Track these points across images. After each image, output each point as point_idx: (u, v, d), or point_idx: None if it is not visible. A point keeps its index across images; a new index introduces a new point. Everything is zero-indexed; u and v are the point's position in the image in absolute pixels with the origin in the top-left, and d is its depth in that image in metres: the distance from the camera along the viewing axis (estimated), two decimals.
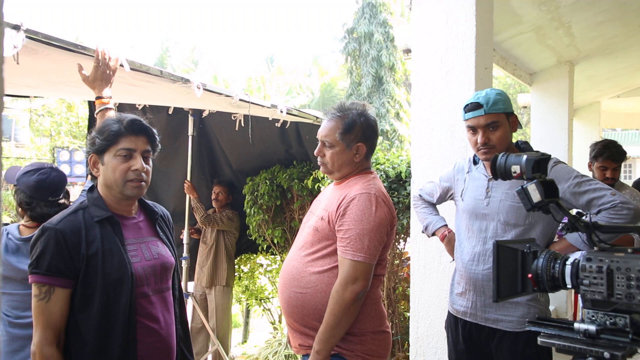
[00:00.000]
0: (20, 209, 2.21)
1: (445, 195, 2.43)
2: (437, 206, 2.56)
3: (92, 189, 1.72)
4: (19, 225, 2.20)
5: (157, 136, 1.75)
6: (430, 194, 2.50)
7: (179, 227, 4.67)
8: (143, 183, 1.70)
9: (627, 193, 3.02)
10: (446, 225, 2.43)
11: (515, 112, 2.15)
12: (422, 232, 2.55)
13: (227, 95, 3.48)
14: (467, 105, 2.10)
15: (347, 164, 2.00)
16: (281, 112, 3.77)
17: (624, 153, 3.26)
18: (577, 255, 1.35)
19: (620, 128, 16.21)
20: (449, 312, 2.32)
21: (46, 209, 2.16)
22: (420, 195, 2.56)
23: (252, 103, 3.62)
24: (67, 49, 2.12)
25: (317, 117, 4.08)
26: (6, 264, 2.08)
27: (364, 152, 2.01)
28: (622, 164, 3.34)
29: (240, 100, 3.51)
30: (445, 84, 2.99)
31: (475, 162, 2.26)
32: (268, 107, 3.78)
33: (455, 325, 2.25)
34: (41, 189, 2.14)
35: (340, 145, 1.98)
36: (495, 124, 2.06)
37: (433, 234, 2.45)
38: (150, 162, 1.74)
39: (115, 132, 1.65)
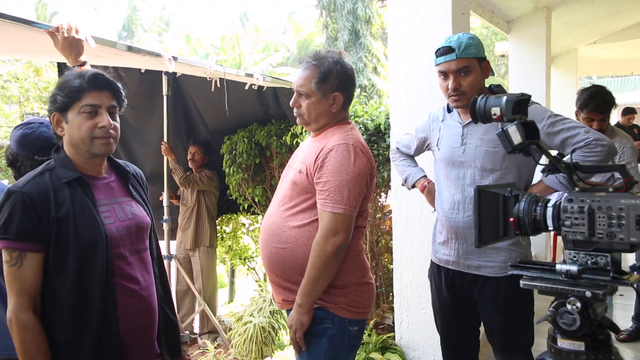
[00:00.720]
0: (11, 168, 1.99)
1: (423, 146, 2.40)
2: (416, 157, 2.54)
3: (58, 149, 1.64)
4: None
5: (122, 90, 1.66)
6: (408, 146, 2.47)
7: (158, 189, 4.60)
8: (111, 140, 1.62)
9: (617, 140, 2.98)
10: (425, 176, 2.42)
11: (491, 61, 2.12)
12: (402, 184, 2.54)
13: (201, 67, 3.46)
14: (438, 49, 2.06)
15: (323, 114, 1.94)
16: (257, 79, 3.78)
17: (611, 102, 3.04)
18: (557, 196, 1.34)
19: (596, 76, 16.27)
20: (431, 261, 2.34)
21: (30, 169, 1.87)
22: (397, 149, 2.54)
23: (227, 73, 3.61)
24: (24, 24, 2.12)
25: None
26: None
27: (341, 102, 1.95)
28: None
29: (215, 70, 3.49)
30: (421, 32, 2.92)
31: (449, 110, 2.23)
32: (244, 76, 3.76)
33: (439, 274, 2.27)
34: (25, 145, 1.93)
35: (316, 95, 1.91)
36: (466, 69, 2.02)
37: (413, 186, 2.44)
38: (118, 118, 1.66)
39: (77, 87, 1.56)
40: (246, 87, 3.96)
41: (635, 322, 3.78)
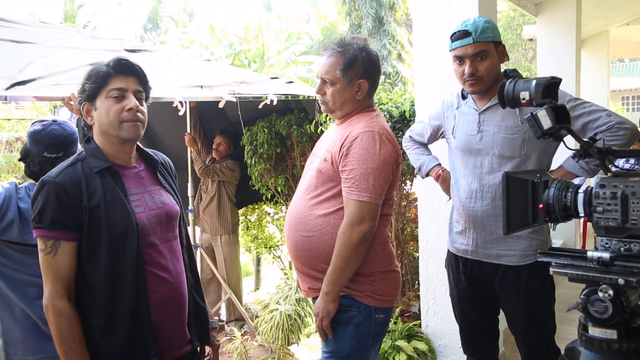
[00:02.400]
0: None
1: (436, 134, 2.37)
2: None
3: (89, 140, 1.68)
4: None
5: (147, 77, 1.68)
6: (421, 134, 2.44)
7: (180, 175, 4.66)
8: (139, 123, 1.64)
9: None
10: (439, 164, 2.39)
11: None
12: (416, 173, 2.51)
13: (216, 99, 3.52)
14: (454, 33, 2.01)
15: (348, 101, 1.93)
16: (272, 102, 3.80)
17: None
18: (578, 182, 1.32)
19: (629, 59, 15.76)
20: (448, 250, 2.32)
21: (39, 166, 1.97)
22: (410, 137, 2.51)
23: (241, 100, 3.67)
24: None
25: (309, 96, 4.14)
26: None
27: (366, 89, 1.93)
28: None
29: (228, 98, 3.54)
30: (447, 16, 2.88)
31: (464, 97, 2.18)
32: (259, 99, 3.83)
33: (456, 263, 2.25)
34: (35, 142, 1.97)
35: (341, 83, 1.90)
36: (483, 54, 1.98)
37: (427, 174, 2.41)
38: (144, 104, 1.68)
39: (104, 73, 1.59)
40: (260, 106, 3.97)
41: None
